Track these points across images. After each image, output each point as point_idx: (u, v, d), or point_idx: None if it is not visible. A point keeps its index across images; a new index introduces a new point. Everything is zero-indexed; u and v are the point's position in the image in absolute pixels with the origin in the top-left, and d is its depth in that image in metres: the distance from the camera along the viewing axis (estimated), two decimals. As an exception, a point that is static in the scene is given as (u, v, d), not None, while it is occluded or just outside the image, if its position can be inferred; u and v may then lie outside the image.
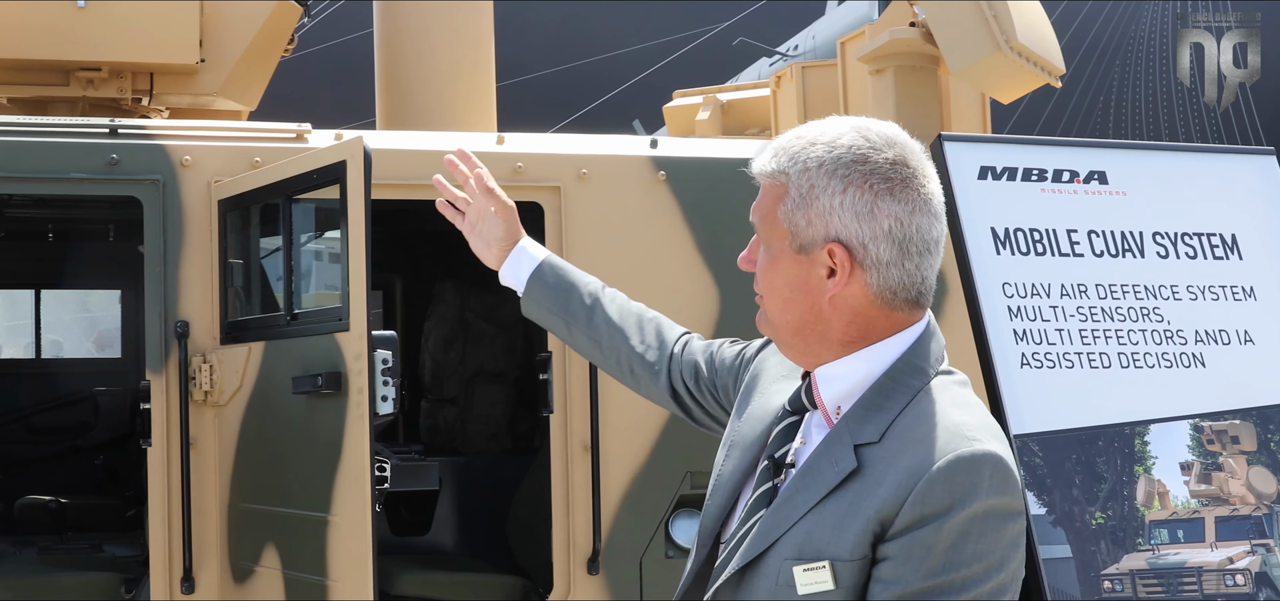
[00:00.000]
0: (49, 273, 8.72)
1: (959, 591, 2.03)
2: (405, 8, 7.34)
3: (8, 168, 5.38)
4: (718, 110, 9.07)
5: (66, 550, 6.95)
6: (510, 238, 2.94)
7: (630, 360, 2.87)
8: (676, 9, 15.28)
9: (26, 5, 6.17)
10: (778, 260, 2.22)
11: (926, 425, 2.12)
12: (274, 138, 5.64)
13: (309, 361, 4.98)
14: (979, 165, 4.67)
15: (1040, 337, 4.50)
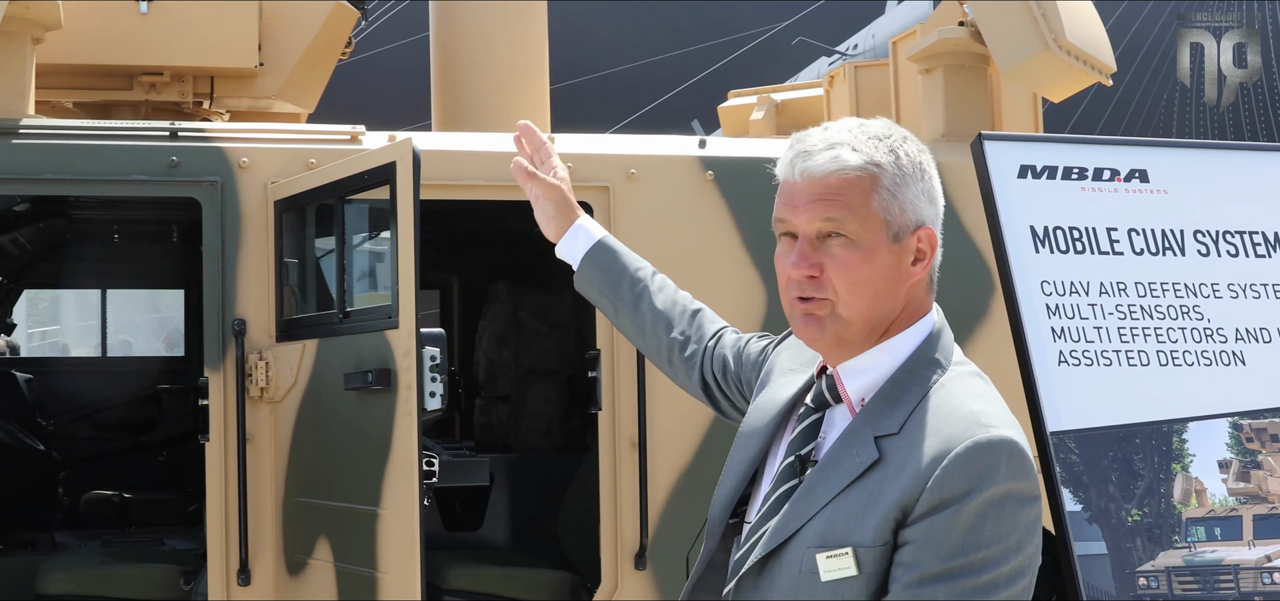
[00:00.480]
0: (115, 273, 8.90)
1: (978, 572, 2.08)
2: (460, 10, 7.42)
3: (72, 170, 5.52)
4: (772, 110, 9.07)
5: (128, 543, 7.10)
6: (564, 214, 3.03)
7: (670, 350, 2.95)
8: (736, 9, 15.30)
9: (91, 11, 6.31)
10: (873, 252, 2.24)
11: (944, 415, 2.18)
12: (329, 140, 5.76)
13: (360, 358, 5.09)
14: (1019, 164, 4.69)
15: (1078, 335, 4.52)
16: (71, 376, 8.88)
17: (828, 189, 2.24)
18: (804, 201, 2.26)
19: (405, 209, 4.88)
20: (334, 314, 5.35)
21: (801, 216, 2.26)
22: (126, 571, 6.18)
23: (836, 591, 2.16)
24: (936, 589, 2.08)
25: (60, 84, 6.59)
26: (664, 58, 15.07)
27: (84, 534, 7.44)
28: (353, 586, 5.11)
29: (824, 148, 2.26)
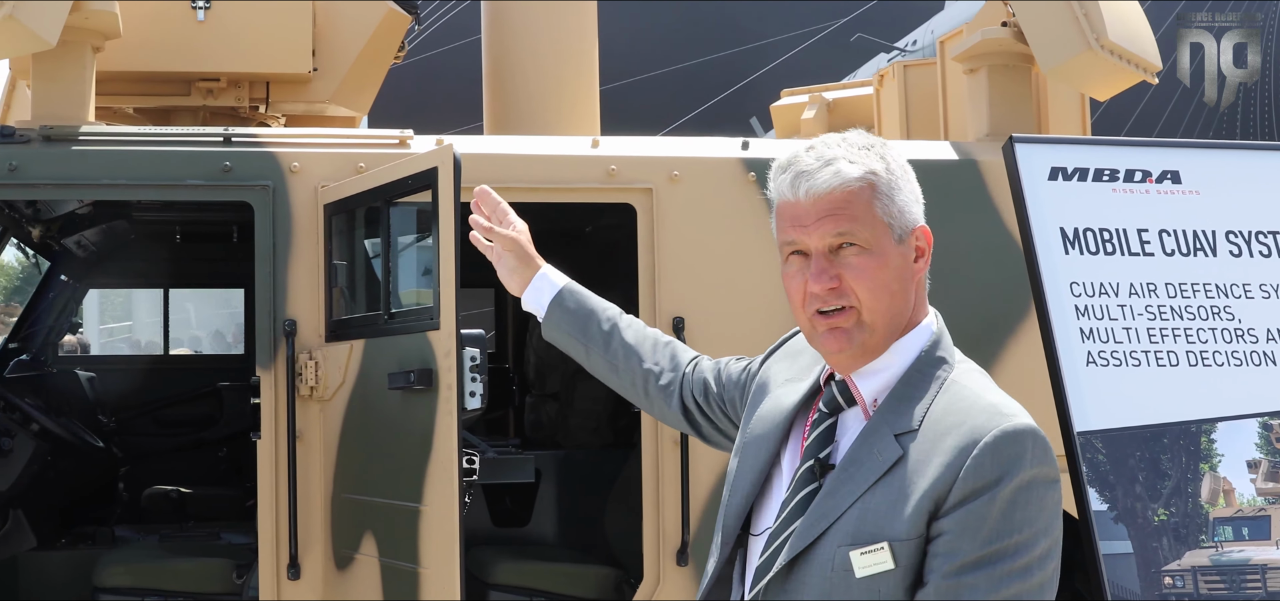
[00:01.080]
0: (177, 273, 9.09)
1: (1013, 557, 2.18)
2: (509, 13, 7.51)
3: (128, 175, 5.67)
4: (824, 109, 9.12)
5: (186, 537, 7.26)
6: (526, 265, 3.13)
7: (645, 382, 3.03)
8: (795, 7, 15.33)
9: (150, 20, 6.46)
10: (885, 255, 2.35)
11: (963, 408, 2.29)
12: (378, 144, 5.87)
13: (404, 358, 5.21)
14: (1049, 166, 4.73)
15: (1107, 336, 4.56)
16: (134, 374, 9.07)
17: (834, 203, 2.35)
18: (812, 219, 2.36)
19: (446, 212, 4.99)
20: (380, 315, 5.47)
21: (813, 234, 2.36)
22: (181, 565, 6.34)
23: (873, 586, 2.25)
24: (977, 575, 2.18)
25: (121, 90, 6.75)
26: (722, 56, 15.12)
27: (144, 528, 7.62)
28: (396, 581, 5.23)
29: (821, 165, 2.37)
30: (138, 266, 8.92)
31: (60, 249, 7.82)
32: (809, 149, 2.42)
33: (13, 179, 5.55)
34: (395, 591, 5.24)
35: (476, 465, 5.26)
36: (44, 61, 5.88)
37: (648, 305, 5.86)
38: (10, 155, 5.54)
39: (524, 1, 7.51)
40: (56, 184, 5.68)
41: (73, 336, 15.41)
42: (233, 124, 6.75)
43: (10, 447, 6.12)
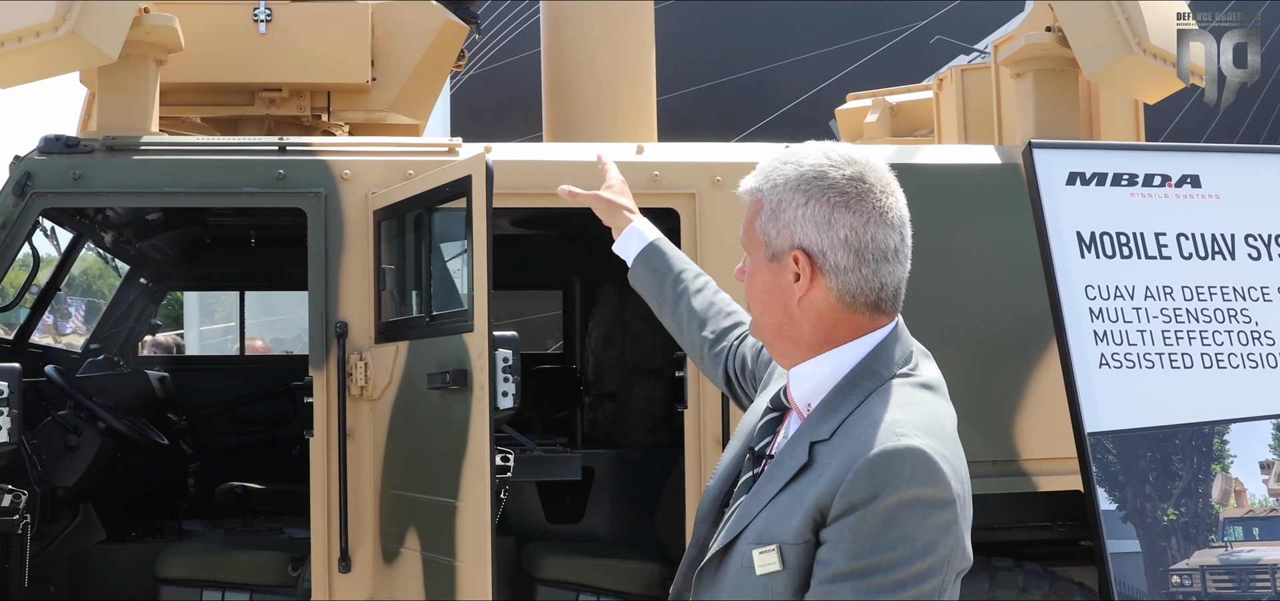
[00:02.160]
0: (251, 276, 9.36)
1: (884, 572, 2.25)
2: (567, 23, 7.66)
3: (187, 183, 5.90)
4: (887, 112, 9.17)
5: (250, 532, 7.50)
6: (615, 216, 3.43)
7: (702, 346, 3.24)
8: (874, 8, 15.34)
9: (214, 32, 6.69)
10: (757, 269, 2.50)
11: (866, 422, 2.36)
12: (427, 152, 6.05)
13: (442, 359, 5.38)
14: (1067, 171, 4.80)
15: (1121, 338, 4.63)
16: (210, 374, 9.35)
17: (745, 209, 2.54)
18: None
19: (479, 219, 5.16)
20: (421, 317, 5.65)
21: None
22: (239, 557, 6.56)
23: (768, 585, 2.36)
24: (845, 587, 2.26)
25: (189, 100, 6.98)
26: (803, 58, 15.17)
27: (213, 523, 7.88)
28: (436, 574, 5.41)
29: (753, 172, 2.55)
30: (212, 269, 9.20)
31: (136, 253, 8.10)
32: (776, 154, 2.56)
33: (77, 187, 5.80)
34: (435, 584, 5.42)
35: (511, 463, 5.42)
36: (108, 74, 6.12)
37: (690, 308, 5.97)
38: (74, 165, 5.78)
39: (582, 10, 7.65)
40: (118, 192, 5.92)
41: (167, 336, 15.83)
42: (295, 132, 6.97)
43: (77, 444, 6.38)
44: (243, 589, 6.41)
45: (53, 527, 6.51)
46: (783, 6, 15.55)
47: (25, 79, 6.03)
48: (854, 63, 15.09)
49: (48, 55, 5.81)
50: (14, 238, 5.73)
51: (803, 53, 15.29)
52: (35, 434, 6.29)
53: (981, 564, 6.13)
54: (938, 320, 5.87)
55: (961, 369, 5.85)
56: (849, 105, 9.78)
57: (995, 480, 5.90)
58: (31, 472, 5.97)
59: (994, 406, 5.88)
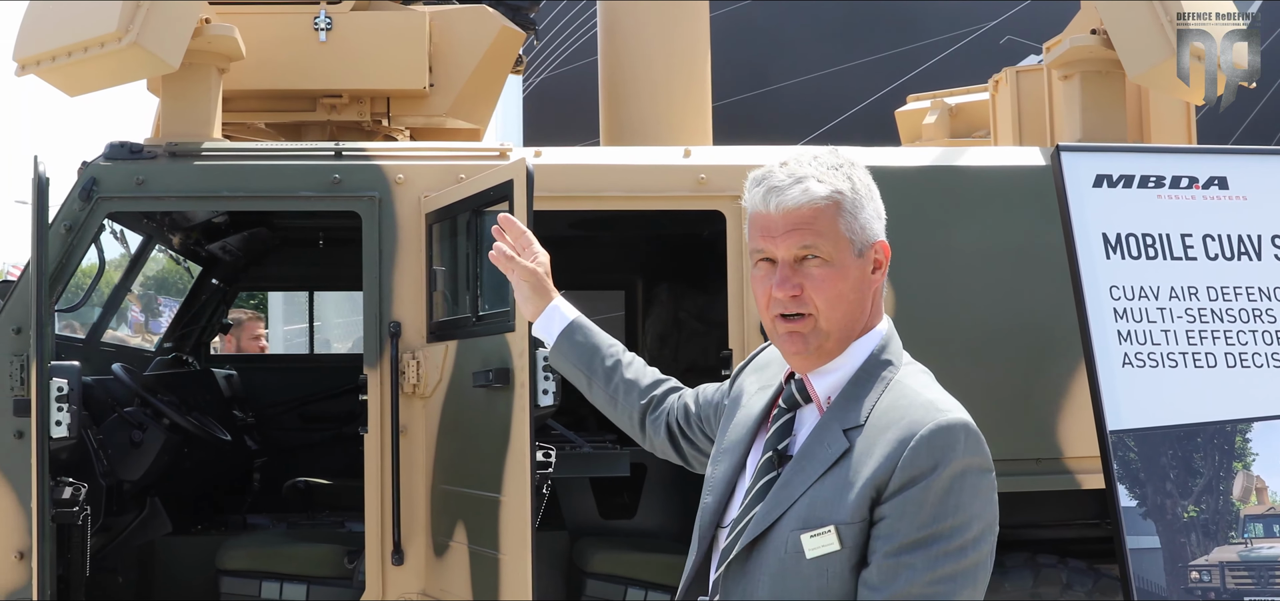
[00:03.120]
0: (321, 276, 9.59)
1: (948, 538, 2.41)
2: (622, 28, 7.79)
3: (247, 188, 6.11)
4: (945, 114, 9.24)
5: (313, 525, 7.70)
6: (541, 295, 3.41)
7: (641, 414, 3.32)
8: (946, 8, 15.34)
9: (277, 41, 6.89)
10: (845, 268, 2.59)
11: (904, 405, 2.52)
12: (477, 156, 6.21)
13: (486, 358, 5.54)
14: (1094, 173, 4.87)
15: (1144, 338, 4.69)
16: (281, 372, 9.57)
17: (801, 218, 2.58)
18: (781, 231, 2.59)
19: (521, 222, 5.29)
20: (469, 317, 5.81)
21: (780, 245, 2.60)
22: (298, 550, 6.76)
23: (821, 566, 2.49)
24: (914, 555, 2.41)
25: (253, 107, 7.20)
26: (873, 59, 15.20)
27: (277, 517, 8.09)
28: (481, 566, 5.57)
29: (792, 182, 2.60)
30: (281, 270, 9.43)
31: (207, 255, 8.33)
32: (782, 165, 2.64)
33: (140, 192, 6.02)
34: (480, 576, 5.58)
35: (552, 458, 5.57)
36: (171, 83, 6.35)
37: (737, 309, 6.10)
38: (138, 170, 6.01)
39: (637, 14, 7.78)
40: (179, 196, 6.13)
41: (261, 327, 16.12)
42: (357, 137, 7.17)
43: (142, 439, 6.60)
44: (300, 580, 6.61)
45: (120, 520, 6.74)
46: (851, 7, 15.59)
47: (91, 88, 6.26)
48: (923, 64, 15.11)
49: (112, 65, 6.04)
50: (81, 240, 5.95)
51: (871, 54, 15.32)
52: (102, 429, 6.53)
53: (1026, 560, 6.20)
54: (983, 320, 5.95)
55: (1006, 368, 5.94)
56: (909, 107, 9.85)
57: (1040, 478, 5.97)
58: (98, 466, 6.20)
59: (1038, 405, 5.95)
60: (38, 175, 5.35)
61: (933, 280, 5.97)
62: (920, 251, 5.98)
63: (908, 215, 5.98)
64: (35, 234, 5.38)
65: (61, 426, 5.27)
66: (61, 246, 5.90)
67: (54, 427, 5.27)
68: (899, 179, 6.06)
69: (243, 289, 9.61)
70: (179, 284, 9.24)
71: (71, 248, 5.94)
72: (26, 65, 6.14)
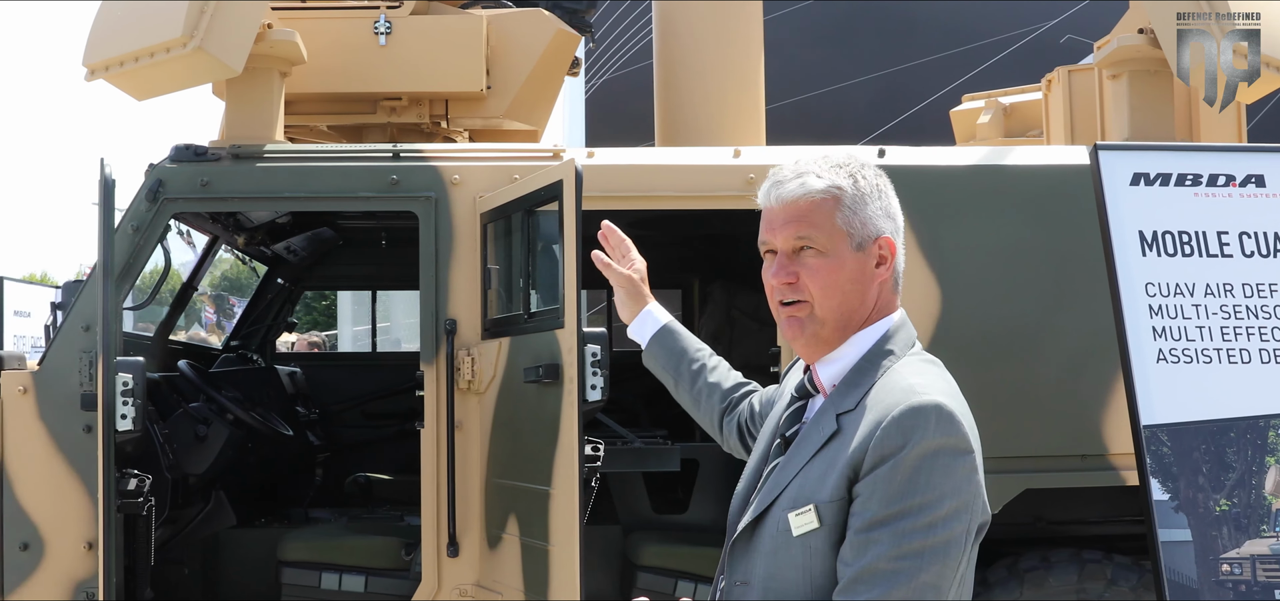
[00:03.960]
0: (384, 276, 9.78)
1: (917, 515, 2.50)
2: (677, 30, 7.90)
3: (307, 188, 6.27)
4: (999, 113, 9.29)
5: (373, 519, 7.87)
6: (636, 300, 3.67)
7: (719, 416, 3.55)
8: (1007, 8, 15.35)
9: (338, 46, 7.07)
10: (840, 259, 2.70)
11: (887, 389, 2.63)
12: (532, 157, 6.35)
13: (537, 354, 5.68)
14: (1131, 172, 4.93)
15: (1179, 334, 4.75)
16: (345, 370, 9.77)
17: (799, 211, 2.71)
18: (780, 223, 2.73)
19: (569, 221, 5.44)
20: (521, 315, 5.95)
21: (779, 235, 2.73)
22: (356, 542, 6.94)
23: (805, 543, 2.61)
24: (882, 531, 2.51)
25: (316, 110, 7.38)
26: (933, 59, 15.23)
27: (339, 511, 8.28)
28: (532, 558, 5.71)
29: (794, 177, 2.74)
30: (345, 270, 9.62)
31: (271, 255, 8.53)
32: (794, 162, 2.79)
33: (205, 193, 6.20)
34: (531, 567, 5.72)
35: (600, 453, 5.70)
36: (235, 86, 6.53)
37: (786, 306, 6.20)
38: (202, 172, 6.19)
39: (690, 15, 7.89)
40: (242, 197, 6.31)
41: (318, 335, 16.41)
42: (417, 138, 7.33)
43: (206, 434, 6.80)
44: (358, 571, 6.78)
45: (186, 512, 6.95)
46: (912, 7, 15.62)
47: (157, 92, 6.46)
48: (984, 63, 15.12)
49: (177, 70, 6.23)
50: (147, 240, 6.15)
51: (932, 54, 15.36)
52: (168, 424, 6.73)
53: (1071, 555, 6.26)
54: (1028, 318, 6.02)
55: (1052, 365, 6.00)
56: (964, 107, 9.90)
57: (1085, 474, 6.03)
58: (164, 460, 6.40)
59: (1083, 401, 6.01)
60: (104, 177, 5.54)
61: (978, 278, 6.04)
62: (966, 250, 6.06)
63: (954, 214, 6.07)
64: (102, 234, 5.57)
65: (126, 420, 5.46)
66: (129, 246, 6.09)
67: (119, 421, 5.47)
68: (944, 178, 6.14)
69: (307, 288, 9.82)
70: (250, 284, 9.44)
71: (138, 247, 6.13)
72: (96, 70, 6.34)
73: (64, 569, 5.98)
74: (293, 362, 9.47)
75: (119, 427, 5.47)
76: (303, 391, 9.03)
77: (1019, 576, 6.24)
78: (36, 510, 5.98)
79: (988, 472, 5.99)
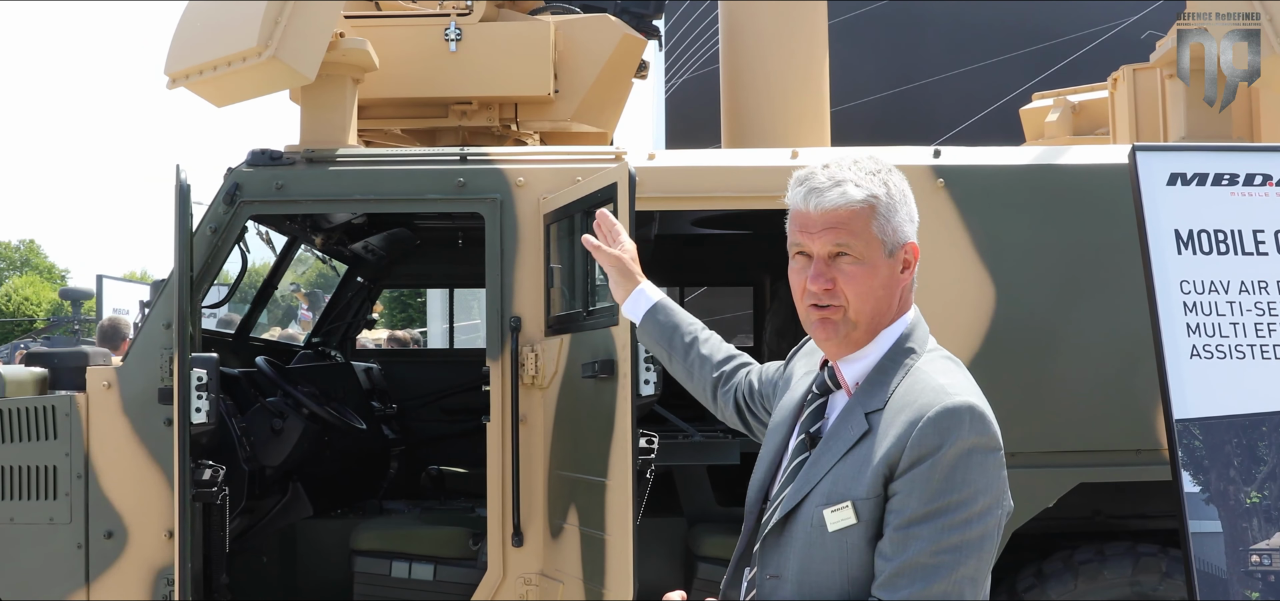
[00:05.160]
0: (460, 275, 10.02)
1: (955, 512, 2.67)
2: (742, 29, 8.05)
3: (377, 191, 6.50)
4: (1068, 111, 9.36)
5: (445, 510, 8.10)
6: (628, 280, 3.84)
7: (713, 386, 3.70)
8: (1085, 8, 15.32)
9: (411, 53, 7.30)
10: (875, 266, 2.85)
11: (918, 389, 2.79)
12: (594, 159, 6.53)
13: (595, 350, 5.87)
14: (1169, 172, 5.03)
15: (1213, 330, 4.85)
16: (424, 366, 10.02)
17: (837, 218, 2.85)
18: (817, 229, 2.87)
19: (623, 221, 5.62)
20: (580, 312, 6.15)
21: (816, 241, 2.87)
22: (426, 532, 7.16)
23: (841, 539, 2.77)
24: (922, 527, 2.67)
25: (390, 114, 7.63)
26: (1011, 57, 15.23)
27: (413, 503, 8.52)
28: (590, 547, 5.90)
29: (831, 185, 2.88)
30: (423, 269, 9.87)
31: (351, 254, 8.79)
32: (824, 167, 2.93)
33: (279, 196, 6.45)
34: (589, 556, 5.91)
35: (654, 445, 5.88)
36: (309, 93, 6.78)
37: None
38: (277, 176, 6.44)
39: (756, 17, 8.03)
40: (316, 200, 6.55)
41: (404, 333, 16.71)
42: (488, 142, 7.55)
43: (282, 427, 7.06)
44: (428, 560, 7.01)
45: (263, 503, 7.21)
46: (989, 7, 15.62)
47: (235, 99, 6.71)
48: (1063, 59, 15.11)
49: (253, 78, 6.48)
50: (225, 242, 6.40)
51: (1010, 52, 15.35)
52: (246, 418, 7.00)
53: (1126, 549, 6.34)
54: (1084, 314, 6.12)
55: (1107, 361, 6.10)
56: (1033, 105, 9.98)
57: (1140, 468, 6.11)
58: (241, 452, 6.67)
59: (1138, 397, 6.09)
60: (180, 182, 5.80)
61: (1032, 275, 6.15)
62: (1020, 248, 6.16)
63: (1008, 213, 6.18)
64: (177, 236, 5.82)
65: (201, 413, 5.72)
66: (207, 247, 6.36)
67: (194, 414, 5.73)
68: (998, 177, 6.25)
69: (386, 287, 10.08)
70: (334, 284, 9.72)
71: (216, 248, 6.39)
72: (176, 78, 6.61)
73: (146, 556, 6.26)
74: (371, 359, 9.72)
75: (193, 420, 5.73)
76: (379, 386, 9.29)
77: (1074, 569, 6.33)
78: (120, 500, 6.26)
79: (1042, 467, 6.11)
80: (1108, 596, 6.27)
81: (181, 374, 5.73)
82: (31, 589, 6.25)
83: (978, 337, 6.14)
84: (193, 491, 5.87)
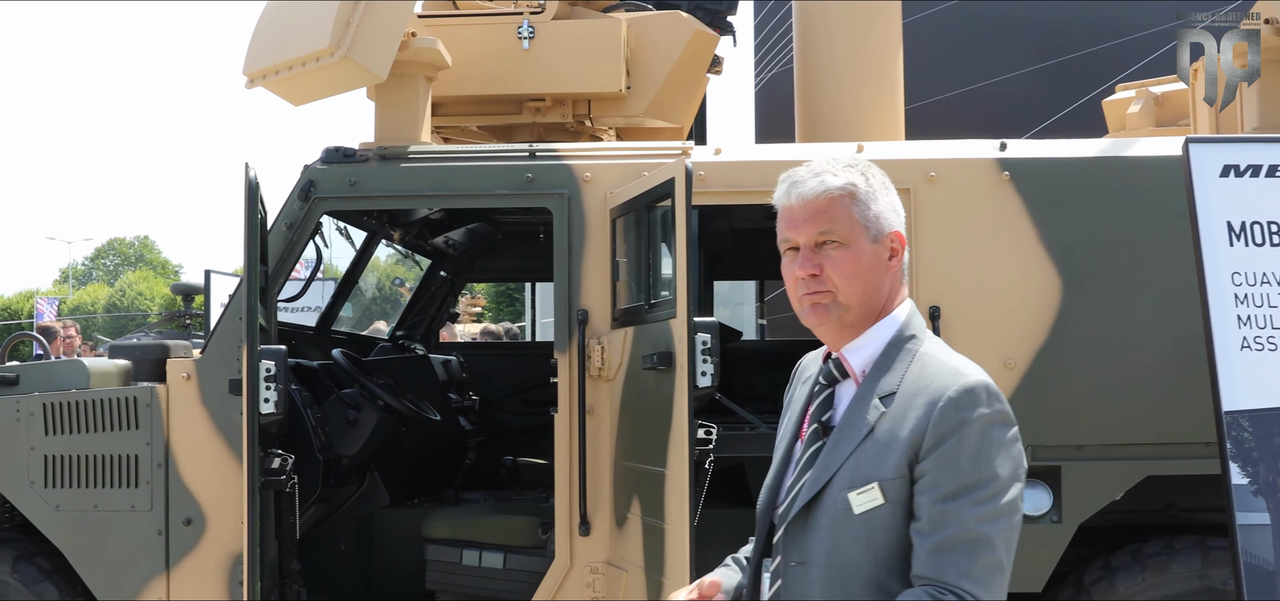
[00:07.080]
0: (540, 268, 10.15)
1: (986, 485, 2.78)
2: (816, 25, 8.09)
3: (448, 187, 6.64)
4: (1150, 103, 9.28)
5: (517, 500, 8.24)
6: None
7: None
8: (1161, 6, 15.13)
9: (485, 51, 7.43)
10: (859, 250, 2.95)
11: (931, 372, 2.90)
12: (660, 155, 6.62)
13: (655, 343, 5.96)
14: (1222, 164, 5.03)
15: (1264, 322, 4.84)
16: (504, 358, 10.17)
17: (818, 206, 2.97)
18: (801, 219, 2.98)
19: (681, 216, 5.71)
20: (643, 305, 6.24)
21: (801, 232, 2.98)
22: (496, 520, 7.28)
23: (868, 519, 2.86)
24: (959, 502, 2.77)
25: (465, 111, 7.76)
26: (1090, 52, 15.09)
27: (488, 493, 8.66)
28: (651, 536, 6.00)
29: (811, 177, 3.00)
30: (504, 263, 10.02)
31: (432, 249, 8.95)
32: (807, 165, 3.04)
33: (353, 192, 6.61)
34: (650, 545, 6.01)
35: (713, 436, 5.96)
36: (382, 92, 6.94)
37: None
38: (351, 172, 6.60)
39: (829, 14, 8.07)
40: (388, 196, 6.70)
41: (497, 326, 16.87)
42: (562, 138, 7.66)
43: (357, 418, 7.23)
44: (498, 549, 7.13)
45: (341, 492, 7.38)
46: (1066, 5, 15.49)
47: (309, 98, 6.88)
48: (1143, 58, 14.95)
49: (327, 78, 6.64)
50: (299, 237, 6.57)
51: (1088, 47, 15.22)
52: (322, 409, 7.17)
53: (1196, 543, 6.31)
54: (1153, 307, 6.11)
55: (1175, 353, 6.08)
56: (1115, 97, 9.90)
57: (1207, 462, 6.08)
58: (316, 442, 6.84)
59: (1205, 388, 6.07)
60: (249, 179, 5.96)
61: (1099, 268, 6.15)
62: (1087, 240, 6.17)
63: (1074, 205, 6.18)
64: (247, 231, 5.99)
65: (269, 403, 5.89)
66: (283, 242, 6.53)
67: (262, 404, 5.90)
68: (1064, 170, 6.26)
69: (469, 281, 10.24)
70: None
71: (291, 244, 6.55)
72: (254, 79, 6.79)
73: (223, 543, 6.45)
74: (451, 352, 9.88)
75: (262, 410, 5.90)
76: (457, 379, 9.43)
77: (1142, 562, 6.31)
78: (198, 488, 6.46)
79: (1109, 459, 6.12)
80: (1176, 591, 6.23)
81: (250, 365, 5.89)
82: (113, 574, 6.46)
83: (1044, 330, 6.16)
84: (262, 479, 6.03)
